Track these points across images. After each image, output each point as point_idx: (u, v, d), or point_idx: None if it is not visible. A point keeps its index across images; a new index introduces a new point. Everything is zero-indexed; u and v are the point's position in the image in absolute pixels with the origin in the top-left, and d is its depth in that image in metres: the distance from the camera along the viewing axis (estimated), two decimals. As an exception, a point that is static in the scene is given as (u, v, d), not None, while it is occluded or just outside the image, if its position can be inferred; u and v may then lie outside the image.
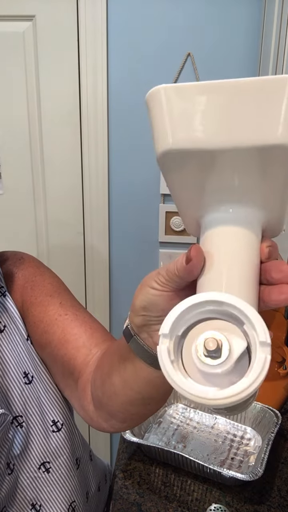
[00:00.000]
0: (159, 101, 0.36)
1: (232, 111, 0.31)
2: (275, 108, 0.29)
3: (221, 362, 0.29)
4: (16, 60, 1.39)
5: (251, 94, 0.30)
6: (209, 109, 0.32)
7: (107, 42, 1.35)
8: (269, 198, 0.36)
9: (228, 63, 1.35)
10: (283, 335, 1.26)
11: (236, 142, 0.31)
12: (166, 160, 0.35)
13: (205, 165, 0.34)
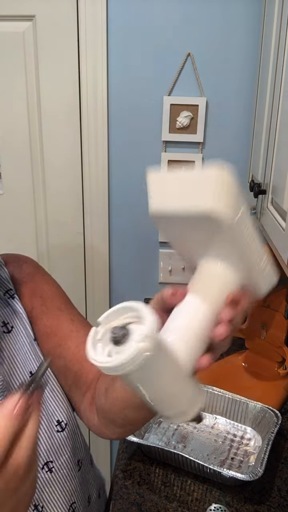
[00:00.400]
0: (148, 182, 0.47)
1: (183, 191, 0.44)
2: (207, 191, 0.42)
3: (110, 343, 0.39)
4: (16, 60, 1.39)
5: (194, 182, 0.43)
6: (170, 189, 0.45)
7: (107, 42, 1.35)
8: (232, 258, 0.47)
9: (228, 63, 1.35)
10: (283, 335, 1.26)
11: (183, 209, 0.43)
12: (153, 219, 0.48)
13: (173, 226, 0.48)
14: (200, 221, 0.43)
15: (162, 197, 0.46)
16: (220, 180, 0.41)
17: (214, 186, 0.41)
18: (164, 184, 0.46)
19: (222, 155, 1.44)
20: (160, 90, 1.39)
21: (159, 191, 0.46)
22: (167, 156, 1.44)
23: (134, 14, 1.33)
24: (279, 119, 0.92)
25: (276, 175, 0.92)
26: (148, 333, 0.38)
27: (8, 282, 0.75)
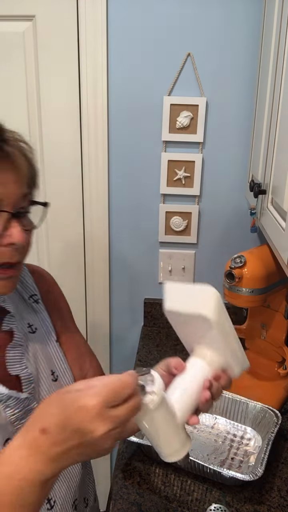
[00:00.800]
0: (165, 288, 0.68)
1: (188, 298, 0.65)
2: (204, 302, 0.62)
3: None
4: (16, 60, 1.39)
5: (196, 294, 0.65)
6: (180, 296, 0.66)
7: (107, 42, 1.35)
8: (216, 348, 0.66)
9: (228, 63, 1.35)
10: (283, 335, 1.26)
11: (187, 310, 0.64)
12: (166, 315, 0.68)
13: (180, 321, 0.68)
14: (197, 319, 0.63)
15: (174, 300, 0.66)
16: (213, 297, 0.63)
17: (208, 299, 0.63)
18: (176, 291, 0.67)
19: (222, 155, 1.44)
20: (160, 90, 1.39)
21: (172, 296, 0.67)
22: (167, 156, 1.44)
23: (134, 14, 1.33)
24: (279, 119, 0.92)
25: (276, 175, 0.92)
26: (155, 390, 0.55)
27: (34, 288, 0.82)
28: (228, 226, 1.52)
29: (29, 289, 0.81)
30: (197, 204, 1.50)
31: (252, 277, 1.12)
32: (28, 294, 0.80)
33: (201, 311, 0.62)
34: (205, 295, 0.63)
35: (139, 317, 1.65)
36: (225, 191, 1.48)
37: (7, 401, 0.67)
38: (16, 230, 0.62)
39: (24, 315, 0.77)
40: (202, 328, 0.64)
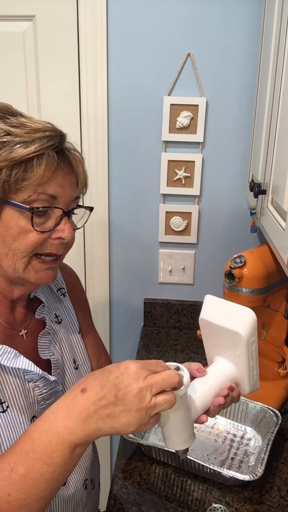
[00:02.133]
0: (205, 300, 0.75)
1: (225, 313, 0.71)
2: (240, 320, 0.69)
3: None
4: (16, 60, 1.39)
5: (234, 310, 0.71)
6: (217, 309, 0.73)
7: (107, 42, 1.35)
8: (237, 363, 0.72)
9: (228, 63, 1.35)
10: (283, 335, 1.26)
11: (222, 324, 0.71)
12: (201, 323, 0.75)
13: (210, 331, 0.74)
14: (230, 334, 0.70)
15: (210, 312, 0.73)
16: (251, 318, 0.69)
17: (245, 319, 0.69)
18: (214, 304, 0.73)
19: (222, 155, 1.44)
20: (160, 90, 1.39)
21: (210, 307, 0.73)
22: (167, 156, 1.44)
23: (134, 14, 1.33)
24: (279, 119, 0.92)
25: (276, 175, 0.92)
26: (184, 382, 0.61)
27: (62, 282, 0.90)
28: (228, 226, 1.52)
29: (58, 282, 0.89)
30: (197, 204, 1.50)
31: (252, 277, 1.12)
32: (56, 287, 0.88)
33: (238, 328, 0.68)
34: (244, 314, 0.69)
35: (139, 317, 1.65)
36: (225, 191, 1.48)
37: (38, 381, 0.74)
38: (67, 226, 0.70)
39: (52, 306, 0.85)
40: (231, 343, 0.70)
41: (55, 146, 0.66)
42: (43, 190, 0.66)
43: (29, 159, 0.64)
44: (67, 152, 0.70)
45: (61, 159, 0.68)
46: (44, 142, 0.65)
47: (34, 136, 0.65)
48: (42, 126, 0.67)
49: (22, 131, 0.65)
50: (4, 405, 0.69)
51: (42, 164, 0.65)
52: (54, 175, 0.67)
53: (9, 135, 0.64)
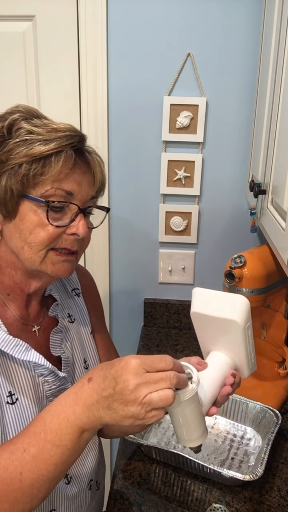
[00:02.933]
0: (193, 292, 0.75)
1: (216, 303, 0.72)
2: (233, 307, 0.70)
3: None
4: (16, 60, 1.39)
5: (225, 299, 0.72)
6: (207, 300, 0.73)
7: (107, 42, 1.35)
8: (235, 351, 0.73)
9: (228, 63, 1.35)
10: (283, 335, 1.26)
11: (215, 314, 0.72)
12: (192, 317, 0.75)
13: (204, 323, 0.74)
14: (224, 323, 0.70)
15: (201, 304, 0.73)
16: (244, 304, 0.70)
17: (238, 306, 0.70)
18: (204, 296, 0.73)
19: (222, 155, 1.44)
20: (160, 90, 1.39)
21: (200, 299, 0.73)
22: (167, 156, 1.44)
23: (134, 14, 1.33)
24: (279, 119, 0.92)
25: (276, 175, 0.92)
26: (195, 379, 0.62)
27: (77, 282, 0.92)
28: (228, 226, 1.52)
29: (72, 282, 0.91)
30: (197, 204, 1.50)
31: (252, 277, 1.12)
32: (71, 287, 0.91)
33: (233, 316, 0.69)
34: (236, 302, 0.71)
35: (139, 317, 1.65)
36: (225, 191, 1.48)
37: (48, 376, 0.76)
38: (81, 223, 0.71)
39: (65, 305, 0.87)
40: (227, 331, 0.71)
41: (74, 145, 0.69)
42: (60, 186, 0.69)
43: (48, 155, 0.67)
44: (86, 153, 0.72)
45: (79, 158, 0.71)
46: (63, 141, 0.68)
47: (54, 135, 0.68)
48: (64, 127, 0.70)
49: (44, 130, 0.68)
50: (14, 397, 0.71)
51: (60, 161, 0.68)
52: (71, 172, 0.69)
53: (31, 133, 0.68)
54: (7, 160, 0.68)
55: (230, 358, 0.73)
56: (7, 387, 0.71)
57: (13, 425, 0.70)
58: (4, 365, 0.71)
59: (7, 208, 0.70)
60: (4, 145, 0.68)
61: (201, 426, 0.67)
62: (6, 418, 0.70)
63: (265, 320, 1.28)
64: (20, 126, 0.69)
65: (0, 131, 0.69)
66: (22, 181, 0.68)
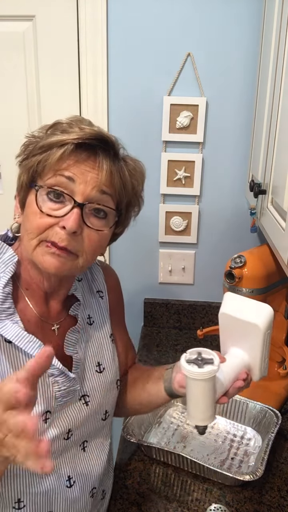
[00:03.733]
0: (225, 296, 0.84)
1: (246, 308, 0.79)
2: (260, 314, 0.77)
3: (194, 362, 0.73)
4: (16, 60, 1.39)
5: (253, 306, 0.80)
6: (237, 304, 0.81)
7: (107, 42, 1.35)
8: (251, 353, 0.79)
9: (228, 63, 1.35)
10: (283, 335, 1.26)
11: (242, 317, 0.78)
12: (221, 316, 0.82)
13: (229, 324, 0.80)
14: (247, 326, 0.77)
15: (230, 307, 0.80)
16: (269, 313, 0.77)
17: (264, 313, 0.77)
18: (234, 300, 0.81)
19: (222, 155, 1.44)
20: (160, 90, 1.39)
21: (230, 303, 0.81)
22: (167, 156, 1.44)
23: (134, 14, 1.33)
24: (279, 119, 0.92)
25: (276, 175, 0.92)
26: (216, 363, 0.71)
27: (103, 284, 0.92)
28: (228, 226, 1.52)
29: (98, 284, 0.91)
30: (197, 204, 1.50)
31: (252, 277, 1.12)
32: (96, 288, 0.91)
33: (257, 321, 0.76)
34: (262, 309, 0.78)
35: (139, 317, 1.65)
36: (225, 191, 1.48)
37: (58, 376, 0.75)
38: (73, 218, 0.68)
39: (87, 306, 0.87)
40: (249, 334, 0.77)
41: (84, 140, 0.69)
42: (61, 172, 0.69)
43: (51, 146, 0.69)
44: (100, 153, 0.71)
45: (89, 154, 0.70)
46: (71, 135, 0.69)
47: (71, 131, 0.70)
48: (89, 128, 0.71)
49: (66, 127, 0.71)
50: None
51: (61, 150, 0.68)
52: (77, 164, 0.69)
53: (60, 132, 0.71)
54: (27, 157, 0.74)
55: (246, 359, 0.80)
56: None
57: None
58: (16, 360, 0.71)
59: (22, 200, 0.75)
60: (33, 144, 0.73)
61: (211, 408, 0.73)
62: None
63: (265, 320, 1.27)
64: (46, 131, 0.73)
65: (34, 135, 0.75)
66: (30, 172, 0.71)
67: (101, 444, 0.88)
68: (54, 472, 0.79)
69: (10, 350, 0.71)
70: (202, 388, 0.71)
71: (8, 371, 0.70)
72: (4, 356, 0.70)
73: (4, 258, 0.75)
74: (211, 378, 0.70)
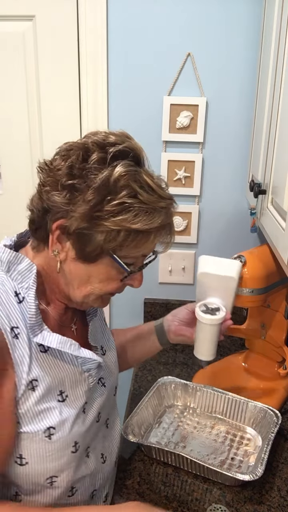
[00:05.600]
0: (200, 259, 1.02)
1: (219, 265, 0.99)
2: (233, 268, 0.99)
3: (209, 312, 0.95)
4: (16, 60, 1.39)
5: (226, 263, 1.01)
6: (211, 263, 1.00)
7: (107, 42, 1.35)
8: (226, 299, 0.98)
9: (228, 63, 1.35)
10: (283, 335, 1.26)
11: (219, 272, 0.98)
12: (199, 276, 0.99)
13: (206, 280, 0.98)
14: (224, 279, 0.97)
15: (207, 266, 0.98)
16: (239, 266, 1.00)
17: (236, 267, 0.99)
18: (208, 261, 0.99)
19: (222, 155, 1.44)
20: (160, 90, 1.39)
21: (206, 263, 0.99)
22: (167, 156, 1.44)
23: (134, 14, 1.33)
24: (279, 119, 0.92)
25: (276, 175, 0.92)
26: (224, 310, 0.95)
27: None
28: (228, 226, 1.52)
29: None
30: (197, 204, 1.50)
31: (252, 277, 1.12)
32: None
33: (232, 274, 0.96)
34: (233, 264, 0.99)
35: (139, 317, 1.65)
36: (225, 191, 1.48)
37: (92, 370, 0.81)
38: (140, 277, 0.78)
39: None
40: (224, 285, 0.97)
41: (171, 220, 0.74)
42: (144, 254, 0.75)
43: (148, 231, 0.69)
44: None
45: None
46: (166, 218, 0.72)
47: (156, 206, 0.69)
48: (167, 194, 0.72)
49: (148, 197, 0.68)
50: (63, 395, 0.75)
51: (158, 237, 0.72)
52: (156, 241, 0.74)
53: (135, 197, 0.67)
54: (107, 219, 0.66)
55: (224, 304, 0.98)
56: (58, 386, 0.74)
57: (60, 422, 0.73)
58: (54, 368, 0.74)
59: (87, 256, 0.71)
60: (107, 201, 0.66)
61: (215, 347, 0.96)
62: (55, 413, 0.73)
63: (265, 320, 1.27)
64: (127, 184, 0.67)
65: (106, 180, 0.66)
66: (116, 246, 0.69)
67: (115, 418, 0.95)
68: (95, 453, 0.84)
69: (47, 359, 0.73)
70: (214, 330, 0.94)
71: (46, 379, 0.72)
72: (45, 365, 0.72)
73: (21, 269, 0.74)
74: (219, 323, 0.93)
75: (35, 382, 0.70)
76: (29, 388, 0.69)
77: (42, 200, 0.72)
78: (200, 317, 0.93)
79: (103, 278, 0.73)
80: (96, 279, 0.74)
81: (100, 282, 0.74)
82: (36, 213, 0.74)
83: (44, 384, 0.71)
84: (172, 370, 1.38)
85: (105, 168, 0.67)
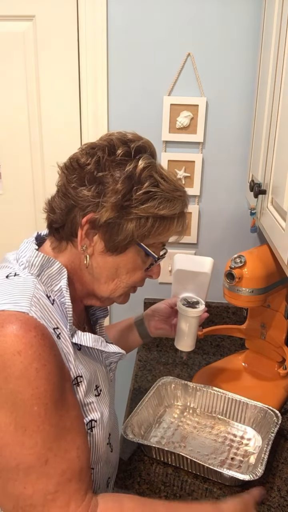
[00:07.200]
0: (175, 257, 1.10)
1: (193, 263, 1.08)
2: (206, 265, 1.06)
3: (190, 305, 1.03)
4: (16, 60, 1.39)
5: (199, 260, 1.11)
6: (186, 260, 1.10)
7: (107, 42, 1.35)
8: (200, 294, 1.06)
9: (228, 63, 1.35)
10: (283, 335, 1.26)
11: (194, 269, 1.05)
12: (175, 272, 1.06)
13: (182, 277, 1.06)
14: (199, 275, 1.04)
15: (182, 263, 1.05)
16: (211, 262, 1.06)
17: (209, 264, 1.05)
18: (182, 259, 1.07)
19: (222, 155, 1.44)
20: (160, 90, 1.39)
21: (180, 261, 1.06)
22: (167, 156, 1.44)
23: (134, 14, 1.33)
24: (279, 119, 0.92)
25: (276, 175, 0.92)
26: (203, 303, 1.03)
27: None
28: (228, 226, 1.52)
29: None
30: (197, 204, 1.50)
31: (252, 277, 1.12)
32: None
33: (206, 270, 1.04)
34: (207, 261, 1.06)
35: (139, 317, 1.65)
36: (225, 191, 1.48)
37: (113, 363, 0.86)
38: (159, 268, 0.83)
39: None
40: (199, 281, 1.04)
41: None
42: (164, 241, 0.79)
43: (172, 217, 0.75)
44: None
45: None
46: (183, 205, 0.77)
47: (177, 194, 0.75)
48: (180, 186, 0.78)
49: (168, 186, 0.74)
50: (98, 389, 0.79)
51: (180, 224, 0.77)
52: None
53: (157, 186, 0.73)
54: (135, 207, 0.71)
55: (201, 299, 1.06)
56: (95, 381, 0.78)
57: (98, 414, 0.76)
58: (89, 363, 0.77)
59: (116, 246, 0.73)
60: (134, 190, 0.71)
61: (194, 338, 1.05)
62: (95, 407, 0.76)
63: (265, 320, 1.28)
64: (150, 174, 0.72)
65: (133, 171, 0.71)
66: (145, 233, 0.73)
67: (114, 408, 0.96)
68: (115, 438, 0.88)
69: (82, 356, 0.76)
70: (194, 322, 1.02)
71: (87, 375, 0.75)
72: (83, 362, 0.76)
73: (52, 272, 0.75)
74: (198, 316, 1.01)
75: (79, 378, 0.73)
76: (74, 384, 0.72)
77: (68, 197, 0.74)
78: (183, 310, 1.00)
79: (130, 268, 0.76)
80: (124, 270, 0.76)
81: (127, 273, 0.77)
82: (58, 213, 0.75)
83: (86, 380, 0.74)
84: (172, 370, 1.38)
85: (131, 160, 0.72)
